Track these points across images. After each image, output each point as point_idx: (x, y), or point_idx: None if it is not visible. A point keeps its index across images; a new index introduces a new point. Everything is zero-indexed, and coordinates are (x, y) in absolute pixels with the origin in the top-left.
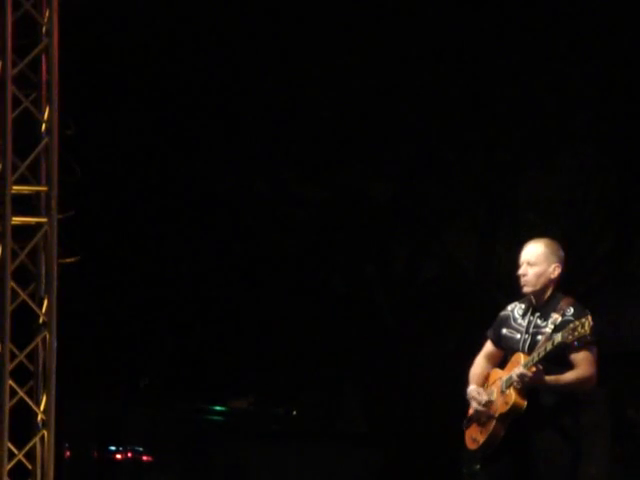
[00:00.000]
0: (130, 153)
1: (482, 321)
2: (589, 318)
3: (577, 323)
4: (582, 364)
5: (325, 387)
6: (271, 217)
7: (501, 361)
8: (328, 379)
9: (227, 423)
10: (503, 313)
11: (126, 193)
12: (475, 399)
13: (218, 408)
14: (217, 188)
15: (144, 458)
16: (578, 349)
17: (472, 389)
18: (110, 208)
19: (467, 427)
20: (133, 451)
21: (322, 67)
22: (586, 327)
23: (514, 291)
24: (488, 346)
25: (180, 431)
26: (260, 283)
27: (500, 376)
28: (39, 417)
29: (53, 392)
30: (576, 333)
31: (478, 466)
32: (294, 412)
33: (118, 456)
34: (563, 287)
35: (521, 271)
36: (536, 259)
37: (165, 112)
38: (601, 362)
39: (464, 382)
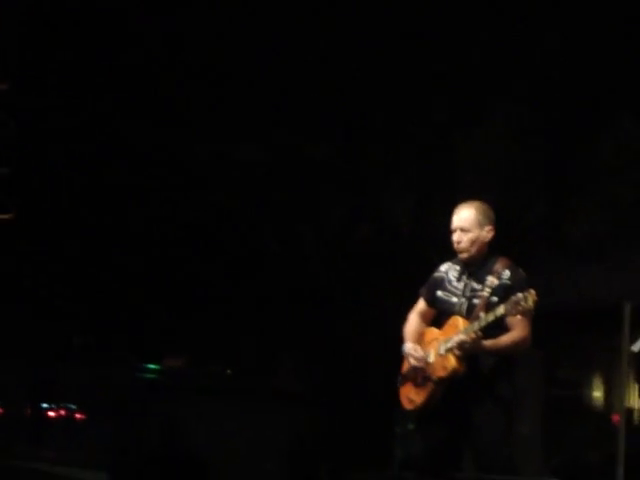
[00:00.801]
0: (68, 106)
1: (417, 281)
2: (533, 293)
3: (521, 297)
4: (518, 327)
5: (260, 346)
6: (206, 176)
7: (433, 319)
8: (263, 338)
9: (161, 381)
10: (437, 274)
11: (64, 149)
12: (413, 357)
13: (152, 366)
14: (152, 145)
15: (77, 416)
16: (514, 314)
17: (409, 346)
18: (45, 165)
19: (402, 385)
20: (66, 409)
21: (253, 26)
22: (529, 302)
23: (449, 250)
24: (421, 305)
25: (114, 389)
26: (195, 242)
27: (436, 337)
28: None
29: None
30: (519, 307)
31: (411, 425)
32: (228, 370)
33: (51, 414)
34: (498, 248)
35: (455, 238)
36: (469, 225)
37: (103, 62)
38: (536, 323)
39: (399, 340)
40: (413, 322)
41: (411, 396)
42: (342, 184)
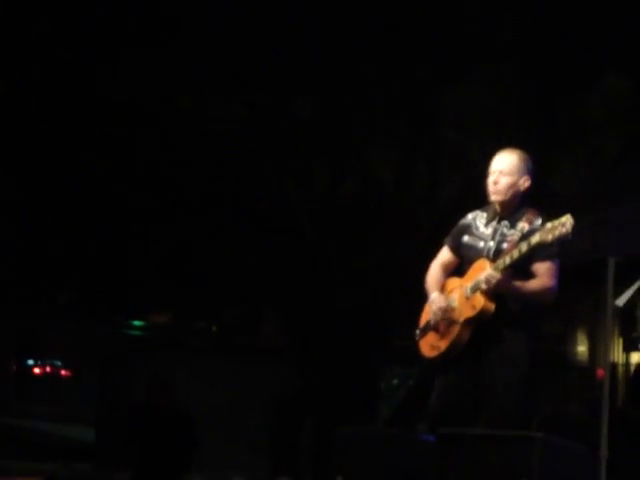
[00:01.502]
0: (52, 64)
1: (402, 237)
2: (570, 217)
3: (557, 222)
4: (545, 274)
5: (245, 303)
6: (191, 135)
7: (455, 270)
8: (249, 295)
9: (147, 338)
10: (463, 221)
11: (48, 104)
12: (441, 305)
13: (138, 323)
14: (140, 101)
15: (63, 372)
16: (542, 259)
17: (437, 295)
18: (31, 120)
19: (422, 337)
20: (52, 365)
21: None
22: (567, 226)
23: (433, 207)
24: (445, 253)
25: (99, 345)
26: (181, 200)
27: (460, 284)
28: None
29: None
30: (556, 232)
31: (396, 381)
32: (214, 327)
33: (36, 370)
34: (484, 203)
35: (493, 179)
36: (509, 169)
37: (85, 21)
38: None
39: (384, 294)
40: (435, 272)
41: (434, 342)
42: (327, 140)
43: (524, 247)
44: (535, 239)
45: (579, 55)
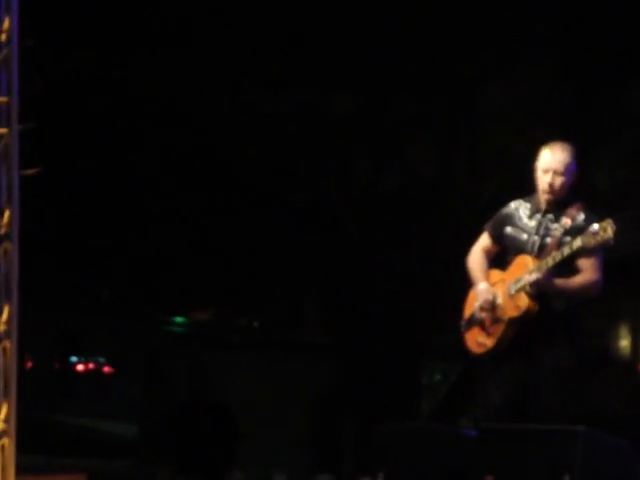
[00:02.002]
0: (94, 63)
1: (443, 231)
2: (611, 223)
3: (598, 228)
4: (589, 269)
5: (287, 298)
6: (232, 130)
7: (495, 256)
8: (290, 291)
9: (188, 334)
10: (506, 210)
11: (89, 104)
12: (487, 299)
13: (179, 319)
14: (180, 100)
15: (106, 369)
16: (587, 254)
17: (485, 287)
18: (73, 118)
19: (467, 329)
20: (95, 362)
21: None
22: (609, 232)
23: (474, 201)
24: (486, 240)
25: (142, 342)
26: (222, 196)
27: (502, 278)
28: (1, 328)
29: (15, 303)
30: (598, 237)
31: (438, 377)
32: (255, 323)
33: (80, 367)
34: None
35: (548, 180)
36: (564, 169)
37: (130, 21)
38: None
39: (425, 290)
40: (479, 259)
41: (480, 339)
42: (367, 136)
43: (566, 250)
44: (577, 244)
45: (621, 48)
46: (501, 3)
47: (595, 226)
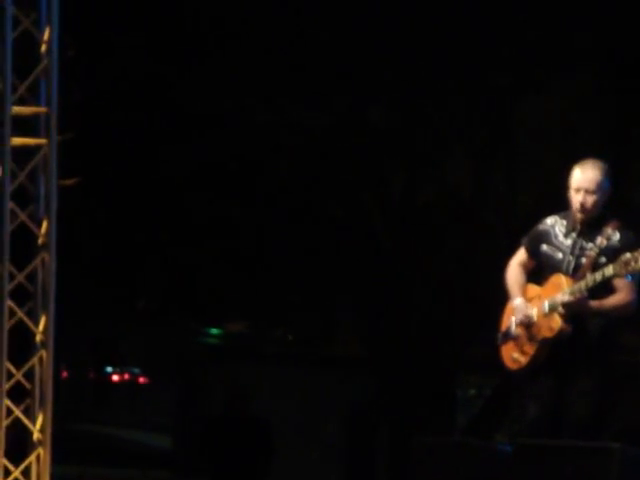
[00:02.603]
0: (133, 75)
1: (478, 244)
2: None
3: (630, 257)
4: (624, 289)
5: (321, 311)
6: (268, 142)
7: (532, 270)
8: (325, 303)
9: (223, 345)
10: (542, 227)
11: (127, 114)
12: (523, 315)
13: (214, 330)
14: (215, 110)
15: (141, 380)
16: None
17: (521, 303)
18: (110, 129)
19: (503, 343)
20: (130, 372)
21: None
22: (639, 263)
23: (509, 215)
24: (522, 255)
25: (177, 353)
26: (257, 207)
27: (539, 294)
28: (37, 337)
29: (52, 313)
30: (629, 267)
31: (473, 391)
32: (290, 336)
33: (115, 377)
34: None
35: (580, 199)
36: (595, 187)
37: (167, 33)
38: None
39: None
40: (517, 274)
41: (515, 356)
42: (404, 149)
43: (599, 277)
44: (609, 272)
45: None
46: (538, 17)
47: (628, 255)
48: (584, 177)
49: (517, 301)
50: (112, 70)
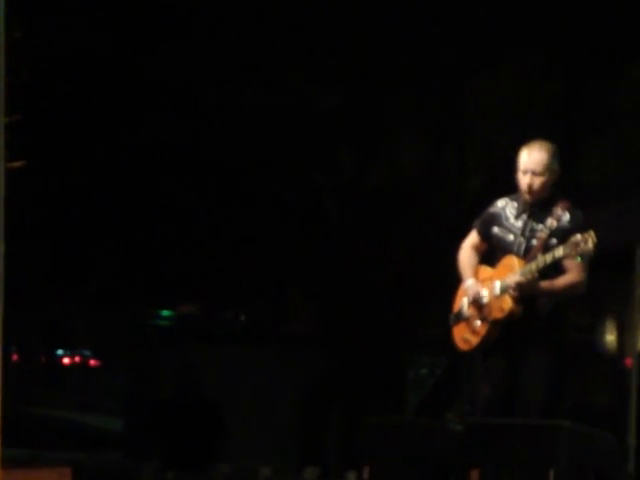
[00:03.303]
0: (83, 54)
1: (428, 226)
2: (592, 235)
3: (580, 238)
4: (574, 270)
5: (273, 292)
6: (218, 123)
7: (484, 252)
8: (276, 284)
9: (175, 328)
10: (493, 209)
11: (77, 96)
12: (475, 296)
13: (166, 313)
14: (165, 91)
15: (92, 362)
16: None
17: (473, 284)
18: (59, 111)
19: (455, 323)
20: (81, 355)
21: None
22: (589, 244)
23: (460, 196)
24: (475, 237)
25: (128, 336)
26: (208, 190)
27: (490, 276)
28: None
29: (1, 296)
30: (579, 248)
31: (424, 370)
32: (242, 316)
33: (66, 360)
34: (511, 193)
35: (527, 181)
36: (542, 169)
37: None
38: None
39: (411, 283)
40: (469, 256)
41: (467, 336)
42: (354, 129)
43: (549, 258)
44: (559, 253)
45: (606, 42)
46: (486, 1)
47: (577, 236)
48: (531, 159)
49: (469, 282)
50: (61, 50)
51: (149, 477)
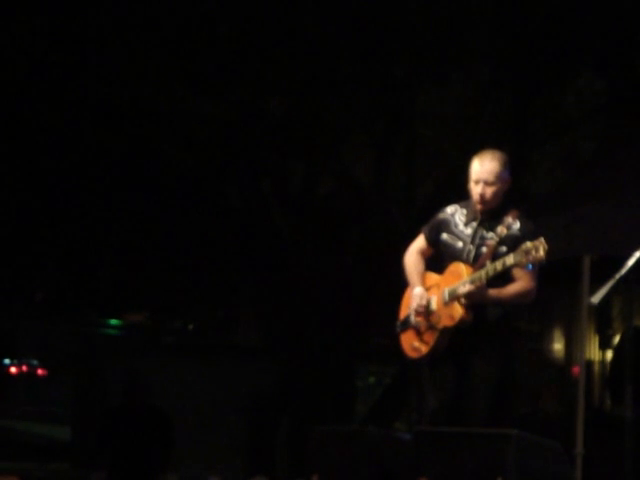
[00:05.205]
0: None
1: (377, 236)
2: (543, 242)
3: (530, 246)
4: (523, 278)
5: (222, 302)
6: (167, 131)
7: (430, 258)
8: (225, 294)
9: (123, 336)
10: (442, 216)
11: (19, 105)
12: (422, 304)
13: (114, 322)
14: (114, 101)
15: (39, 371)
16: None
17: (420, 291)
18: (9, 118)
19: (402, 331)
20: (28, 364)
21: None
22: (541, 252)
23: (409, 206)
24: (422, 242)
25: (75, 345)
26: (155, 197)
27: (437, 282)
28: None
29: None
30: (530, 257)
31: (372, 379)
32: (190, 326)
33: (13, 369)
34: (460, 201)
35: (479, 191)
36: (494, 178)
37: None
38: None
39: (360, 294)
40: (416, 261)
41: (415, 344)
42: (303, 139)
43: (499, 266)
44: (510, 261)
45: (553, 55)
46: (436, 9)
47: (528, 244)
48: (482, 169)
49: (416, 290)
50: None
51: None
